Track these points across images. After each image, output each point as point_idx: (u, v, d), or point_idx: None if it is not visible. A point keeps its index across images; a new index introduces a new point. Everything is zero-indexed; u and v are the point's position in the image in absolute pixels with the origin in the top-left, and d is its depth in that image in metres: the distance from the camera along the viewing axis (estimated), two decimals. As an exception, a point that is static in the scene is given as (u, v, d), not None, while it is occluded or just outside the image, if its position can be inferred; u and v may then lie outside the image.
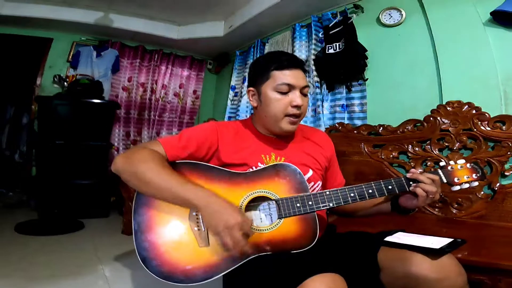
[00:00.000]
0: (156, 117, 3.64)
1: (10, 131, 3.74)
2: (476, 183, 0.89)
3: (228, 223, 0.73)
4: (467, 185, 0.88)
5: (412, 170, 0.88)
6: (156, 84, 3.62)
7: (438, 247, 0.76)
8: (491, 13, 1.59)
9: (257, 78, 0.97)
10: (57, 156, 2.64)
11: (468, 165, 0.90)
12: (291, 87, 0.92)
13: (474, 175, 0.88)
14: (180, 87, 3.80)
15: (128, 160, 0.83)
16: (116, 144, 3.38)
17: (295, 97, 0.92)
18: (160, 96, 3.66)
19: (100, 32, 3.22)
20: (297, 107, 0.92)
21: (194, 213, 0.82)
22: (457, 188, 0.88)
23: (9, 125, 3.77)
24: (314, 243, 0.82)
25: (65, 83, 2.99)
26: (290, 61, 0.94)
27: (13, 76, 3.71)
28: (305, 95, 0.96)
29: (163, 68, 3.68)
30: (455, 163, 0.90)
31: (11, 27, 3.00)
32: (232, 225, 0.73)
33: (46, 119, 2.75)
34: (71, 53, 3.22)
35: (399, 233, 0.90)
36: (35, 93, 3.08)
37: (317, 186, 0.99)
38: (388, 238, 0.85)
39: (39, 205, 2.73)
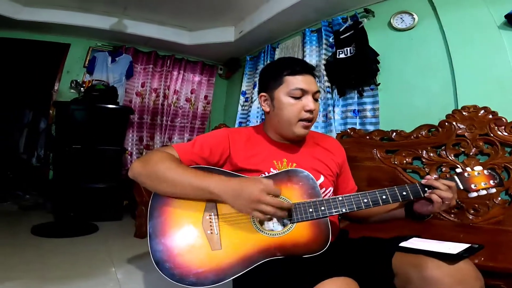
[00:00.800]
0: (169, 122, 3.69)
1: (28, 135, 3.86)
2: (493, 190, 0.86)
3: (253, 195, 0.76)
4: (484, 192, 0.86)
5: (427, 177, 0.87)
6: (168, 89, 3.68)
7: (455, 252, 0.74)
8: (506, 16, 1.57)
9: (269, 83, 0.99)
10: (73, 160, 2.70)
11: (485, 171, 0.88)
12: (304, 92, 0.94)
13: (491, 182, 0.86)
14: (191, 93, 3.86)
15: (145, 163, 0.87)
16: (129, 148, 3.44)
17: (308, 101, 0.94)
18: (172, 102, 3.72)
19: (114, 37, 3.31)
20: (310, 111, 0.94)
21: (207, 217, 0.83)
22: (474, 194, 0.86)
23: (27, 129, 3.89)
24: (326, 248, 0.81)
25: (82, 89, 3.07)
26: (302, 67, 0.96)
27: (31, 81, 3.83)
28: (316, 100, 0.97)
29: (175, 73, 3.74)
30: (472, 169, 0.88)
31: (29, 32, 3.12)
32: (257, 194, 0.75)
33: (63, 124, 2.84)
34: (87, 58, 3.32)
35: (414, 238, 0.88)
36: (53, 98, 3.18)
37: (328, 192, 0.99)
38: (403, 244, 0.84)
39: (55, 208, 2.80)
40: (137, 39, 3.34)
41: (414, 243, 0.85)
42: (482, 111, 1.60)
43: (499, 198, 1.49)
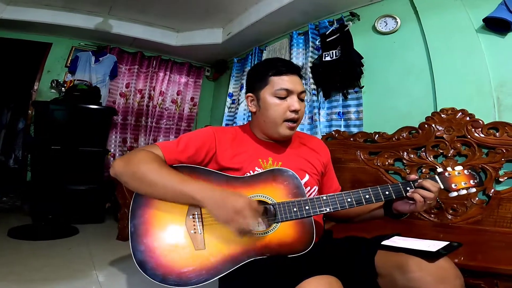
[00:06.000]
0: (153, 123, 3.64)
1: (6, 136, 3.72)
2: (473, 189, 0.89)
3: (236, 207, 0.74)
4: (464, 191, 0.88)
5: (412, 176, 0.89)
6: (153, 90, 3.63)
7: (434, 250, 0.76)
8: (484, 20, 1.62)
9: (255, 84, 0.99)
10: (52, 161, 2.62)
11: (465, 171, 0.90)
12: (289, 92, 0.95)
13: (471, 181, 0.89)
14: (177, 94, 3.82)
15: (127, 162, 0.84)
16: (112, 150, 3.37)
17: (293, 101, 0.95)
18: (157, 103, 3.66)
19: (99, 37, 3.24)
20: (295, 111, 0.95)
21: (191, 216, 0.82)
22: (454, 194, 0.89)
23: (5, 130, 3.75)
24: (310, 247, 0.82)
25: (63, 88, 2.99)
26: (287, 67, 0.97)
27: (10, 80, 3.70)
28: (302, 100, 0.98)
29: (161, 74, 3.69)
30: (453, 169, 0.91)
31: (11, 31, 3.01)
32: (240, 207, 0.74)
33: (42, 124, 2.74)
34: (70, 58, 3.23)
35: (395, 237, 0.90)
36: (32, 98, 3.08)
37: (313, 191, 1.00)
38: (384, 242, 0.85)
39: (33, 210, 2.70)
40: (122, 39, 3.28)
41: (396, 241, 0.86)
42: (459, 114, 1.65)
43: (477, 198, 1.54)
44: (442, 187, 0.88)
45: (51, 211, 2.56)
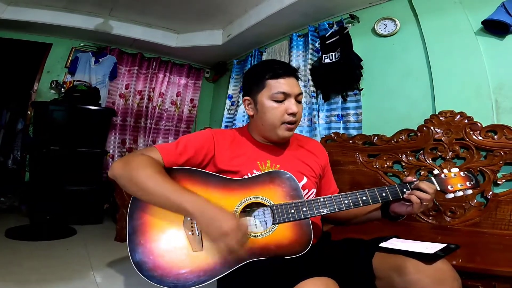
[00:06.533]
0: (153, 125, 3.64)
1: (5, 137, 3.71)
2: (470, 191, 0.89)
3: (223, 230, 0.74)
4: (461, 193, 0.88)
5: (408, 178, 0.90)
6: (153, 92, 3.63)
7: (432, 252, 0.76)
8: (482, 22, 1.63)
9: (252, 87, 0.99)
10: (51, 161, 2.62)
11: (461, 173, 0.91)
12: (286, 95, 0.94)
13: (468, 183, 0.89)
14: (177, 95, 3.82)
15: (125, 165, 0.84)
16: (111, 151, 3.37)
17: (291, 104, 0.94)
18: (157, 104, 3.67)
19: (99, 38, 3.24)
20: (293, 114, 0.95)
21: (188, 218, 0.82)
22: (451, 196, 0.89)
23: (4, 131, 3.75)
24: (308, 249, 0.82)
25: (62, 89, 2.99)
26: (284, 70, 0.96)
27: (10, 81, 3.70)
28: (299, 102, 0.98)
29: (161, 76, 3.70)
30: (449, 171, 0.91)
31: (11, 31, 3.01)
32: (227, 231, 0.74)
33: (41, 125, 2.74)
34: (70, 59, 3.23)
35: (393, 239, 0.90)
36: (32, 98, 3.07)
37: (311, 194, 1.00)
38: (382, 244, 0.85)
39: (31, 210, 2.70)
40: (122, 40, 3.28)
41: (394, 243, 0.86)
42: (458, 116, 1.65)
43: (475, 201, 1.54)
44: (439, 188, 0.88)
45: (49, 211, 2.56)
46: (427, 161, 1.71)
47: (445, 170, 0.92)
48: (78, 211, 2.71)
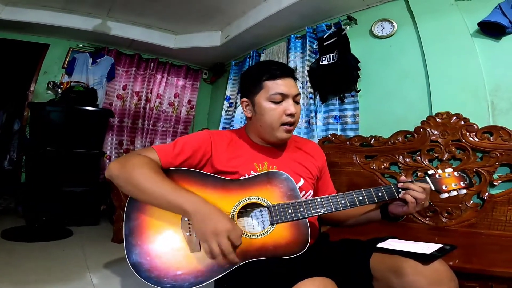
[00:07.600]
0: (150, 126, 3.63)
1: (1, 137, 3.69)
2: (464, 191, 0.90)
3: (216, 230, 0.73)
4: (455, 193, 0.89)
5: (402, 178, 0.90)
6: (151, 93, 3.63)
7: (428, 252, 0.77)
8: (479, 24, 1.64)
9: (250, 89, 0.99)
10: (47, 162, 2.60)
11: (455, 173, 0.92)
12: (284, 96, 0.94)
13: (461, 183, 0.90)
14: (175, 97, 3.82)
15: (122, 166, 0.83)
16: (108, 152, 3.35)
17: (289, 105, 0.94)
18: (154, 105, 3.66)
19: (97, 39, 3.24)
20: (291, 115, 0.95)
21: (186, 219, 0.82)
22: (445, 195, 0.90)
23: (0, 131, 3.72)
24: (305, 249, 0.82)
25: (59, 90, 2.97)
26: (281, 70, 0.96)
27: (6, 81, 3.68)
28: (297, 102, 0.98)
29: (159, 77, 3.69)
30: (443, 171, 0.92)
31: (8, 31, 3.00)
32: (220, 231, 0.73)
33: (38, 126, 2.73)
34: (67, 59, 3.22)
35: (391, 239, 0.90)
36: (28, 99, 3.06)
37: (308, 195, 1.01)
38: (380, 245, 0.86)
39: (27, 211, 2.68)
40: (120, 41, 3.28)
41: (391, 244, 0.87)
42: (454, 118, 1.66)
43: (471, 202, 1.55)
44: (433, 188, 0.89)
45: (46, 212, 2.55)
46: (424, 162, 1.72)
47: (439, 170, 0.93)
48: (75, 212, 2.70)
